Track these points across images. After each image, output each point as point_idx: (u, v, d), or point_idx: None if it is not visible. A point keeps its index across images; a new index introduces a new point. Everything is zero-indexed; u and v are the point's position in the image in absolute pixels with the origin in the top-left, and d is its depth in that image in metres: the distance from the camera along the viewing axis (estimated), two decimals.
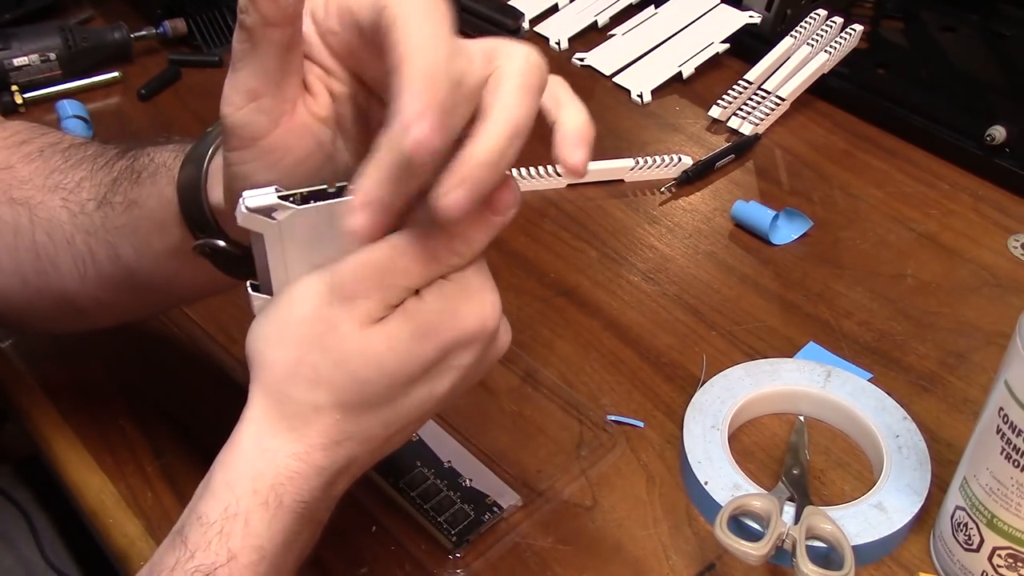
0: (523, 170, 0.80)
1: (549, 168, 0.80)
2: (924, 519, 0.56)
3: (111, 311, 0.55)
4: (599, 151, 0.84)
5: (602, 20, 1.01)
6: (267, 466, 0.39)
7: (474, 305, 0.40)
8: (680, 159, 0.83)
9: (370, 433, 0.40)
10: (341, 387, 0.39)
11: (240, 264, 0.47)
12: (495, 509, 0.55)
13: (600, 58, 0.97)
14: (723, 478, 0.56)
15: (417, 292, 0.39)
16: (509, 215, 0.39)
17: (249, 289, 0.43)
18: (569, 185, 0.81)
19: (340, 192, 0.40)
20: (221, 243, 0.46)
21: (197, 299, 0.62)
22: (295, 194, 0.40)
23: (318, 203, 0.40)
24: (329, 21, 0.40)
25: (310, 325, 0.39)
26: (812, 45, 0.89)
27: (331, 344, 0.39)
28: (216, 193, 0.45)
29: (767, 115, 0.87)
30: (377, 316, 0.39)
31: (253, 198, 0.39)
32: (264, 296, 0.42)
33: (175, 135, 0.52)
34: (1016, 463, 0.47)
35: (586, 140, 0.38)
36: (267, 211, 0.39)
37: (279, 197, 0.39)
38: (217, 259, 0.47)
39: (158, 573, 0.38)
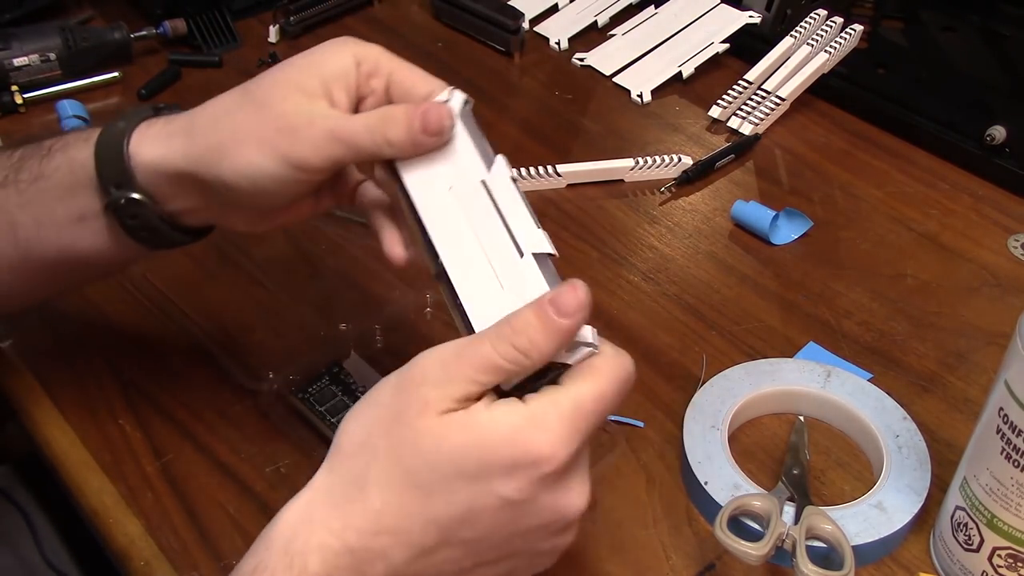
0: (523, 170, 0.80)
1: (549, 168, 0.80)
2: (924, 519, 0.56)
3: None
4: (599, 151, 0.84)
5: (602, 20, 1.01)
6: (304, 533, 0.41)
7: (544, 435, 0.40)
8: (680, 159, 0.83)
9: (408, 536, 0.40)
10: (388, 472, 0.40)
11: (146, 226, 0.50)
12: None
13: (600, 58, 0.97)
14: (723, 478, 0.56)
15: (484, 397, 0.41)
16: (575, 319, 0.42)
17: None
18: (569, 185, 0.81)
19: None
20: (137, 196, 0.49)
21: (87, 279, 0.62)
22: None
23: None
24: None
25: (384, 409, 0.42)
26: (812, 45, 0.89)
27: (394, 430, 0.41)
28: (147, 150, 0.49)
29: (767, 115, 0.87)
30: (442, 408, 0.40)
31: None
32: None
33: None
34: (1016, 463, 0.47)
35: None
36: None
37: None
38: (127, 213, 0.50)
39: None
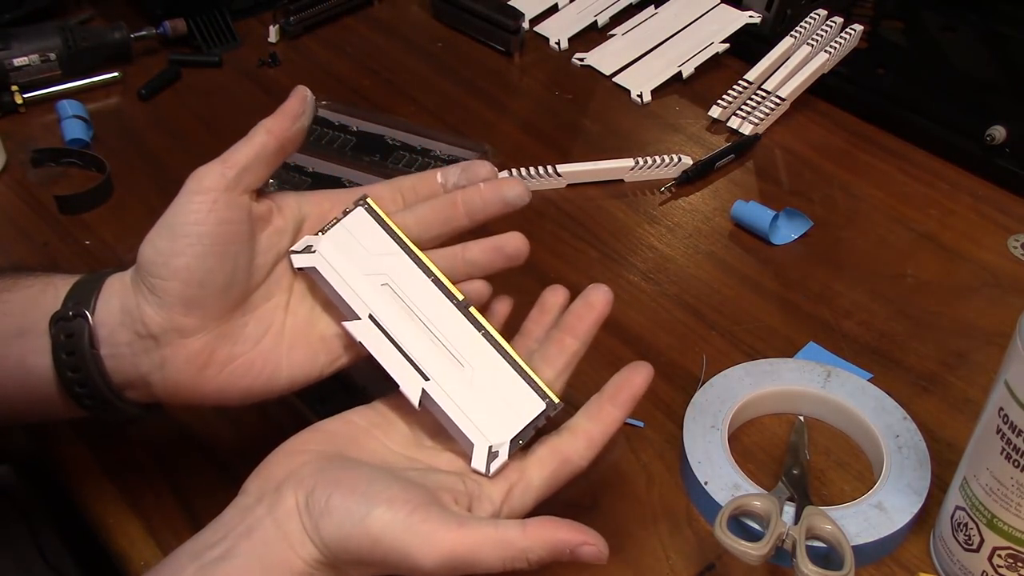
0: (523, 170, 0.80)
1: (549, 168, 0.80)
2: (924, 519, 0.56)
3: None
4: (599, 151, 0.84)
5: (602, 20, 1.01)
6: None
7: None
8: (680, 159, 0.83)
9: None
10: None
11: (76, 355, 0.48)
12: None
13: (600, 58, 0.97)
14: (723, 478, 0.56)
15: None
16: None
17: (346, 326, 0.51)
18: (569, 185, 0.81)
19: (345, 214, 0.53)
20: (88, 312, 0.48)
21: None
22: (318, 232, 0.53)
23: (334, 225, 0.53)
24: None
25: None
26: (812, 45, 0.89)
27: None
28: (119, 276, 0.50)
29: (767, 115, 0.87)
30: None
31: (298, 256, 0.52)
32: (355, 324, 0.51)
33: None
34: (1016, 463, 0.47)
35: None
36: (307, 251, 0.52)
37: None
38: (64, 331, 0.48)
39: None
